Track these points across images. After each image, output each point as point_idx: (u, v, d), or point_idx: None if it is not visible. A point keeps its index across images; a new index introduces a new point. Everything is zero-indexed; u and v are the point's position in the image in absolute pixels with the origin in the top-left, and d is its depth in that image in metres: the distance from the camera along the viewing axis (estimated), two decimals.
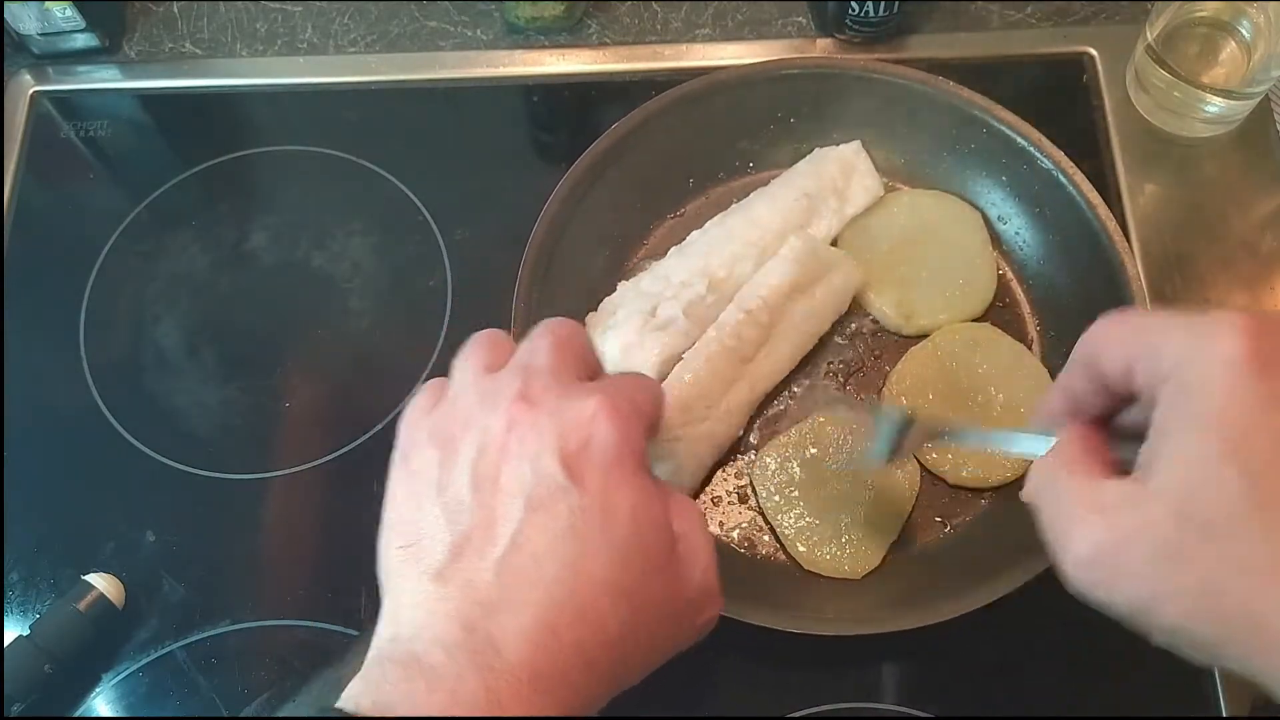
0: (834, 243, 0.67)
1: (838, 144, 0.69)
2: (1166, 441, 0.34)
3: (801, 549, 0.59)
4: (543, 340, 0.43)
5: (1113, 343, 0.38)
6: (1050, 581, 0.60)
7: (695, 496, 0.62)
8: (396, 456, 0.44)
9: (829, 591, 0.59)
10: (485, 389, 0.42)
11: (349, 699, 0.37)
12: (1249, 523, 0.32)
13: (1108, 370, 0.38)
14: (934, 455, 0.62)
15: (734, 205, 0.68)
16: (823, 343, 0.65)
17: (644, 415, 0.42)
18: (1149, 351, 0.36)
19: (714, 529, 0.62)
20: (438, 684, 0.36)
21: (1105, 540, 0.35)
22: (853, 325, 0.66)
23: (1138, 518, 0.34)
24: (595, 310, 0.65)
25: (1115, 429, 0.41)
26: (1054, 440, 0.41)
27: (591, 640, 0.38)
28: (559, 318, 0.45)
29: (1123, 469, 0.37)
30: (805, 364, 0.65)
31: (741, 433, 0.63)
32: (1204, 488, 0.32)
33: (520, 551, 0.38)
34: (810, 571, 0.59)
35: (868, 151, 0.68)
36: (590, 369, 0.45)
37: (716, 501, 0.62)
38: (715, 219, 0.67)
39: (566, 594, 0.38)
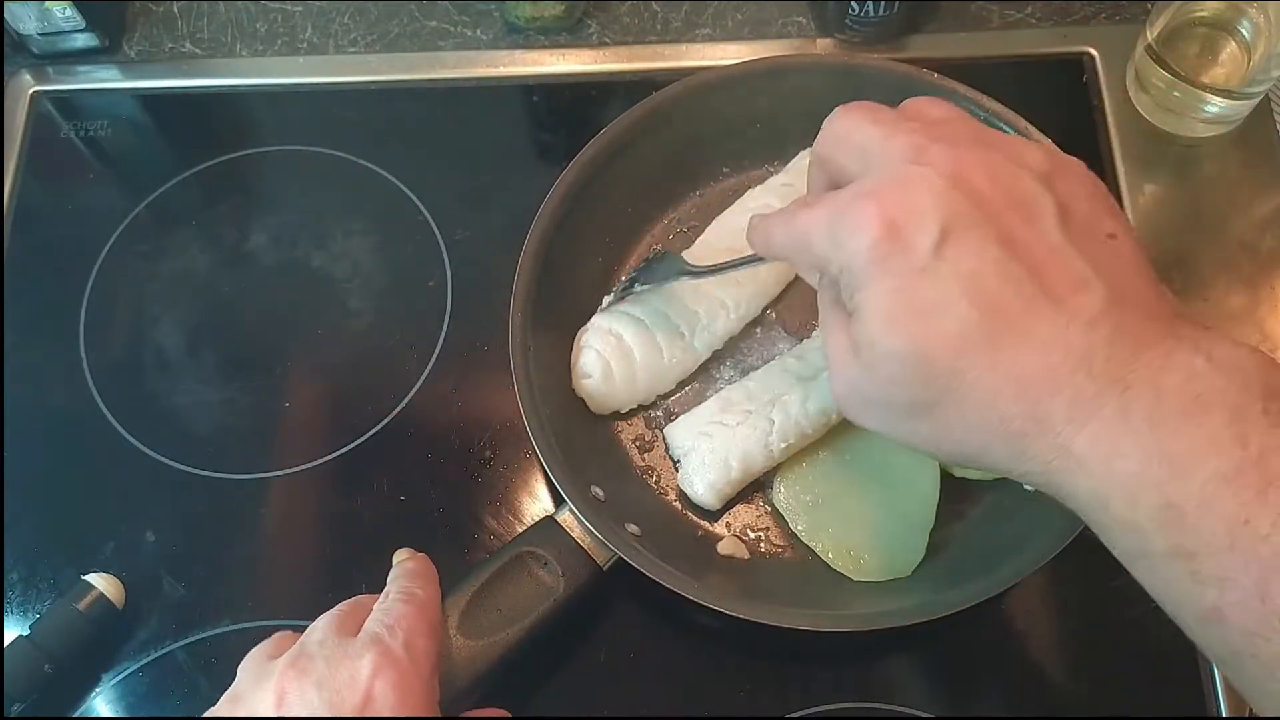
0: None
1: None
2: (853, 320, 0.43)
3: (849, 565, 0.59)
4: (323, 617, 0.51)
5: (775, 234, 0.47)
6: (1048, 584, 0.61)
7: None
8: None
9: (836, 588, 0.59)
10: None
11: None
12: (913, 375, 0.41)
13: (789, 255, 0.47)
14: None
15: (715, 219, 0.68)
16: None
17: (424, 655, 0.49)
18: (805, 246, 0.44)
19: (721, 528, 0.62)
20: None
21: (845, 384, 0.45)
22: None
23: (854, 372, 0.44)
24: (598, 308, 0.65)
25: None
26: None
27: None
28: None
29: None
30: None
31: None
32: (881, 356, 0.42)
33: None
34: (836, 572, 0.59)
35: None
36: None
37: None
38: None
39: None
